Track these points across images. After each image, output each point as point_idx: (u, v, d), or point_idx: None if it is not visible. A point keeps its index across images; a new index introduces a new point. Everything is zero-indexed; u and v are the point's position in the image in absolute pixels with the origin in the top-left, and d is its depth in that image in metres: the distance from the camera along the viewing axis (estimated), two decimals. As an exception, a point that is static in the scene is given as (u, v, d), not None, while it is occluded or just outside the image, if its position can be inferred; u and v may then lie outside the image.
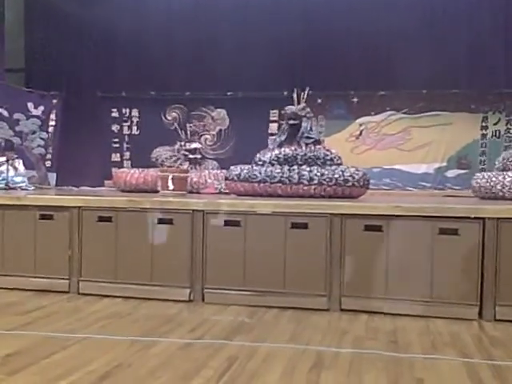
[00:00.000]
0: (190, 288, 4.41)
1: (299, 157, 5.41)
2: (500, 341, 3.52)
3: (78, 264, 4.62)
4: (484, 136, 8.11)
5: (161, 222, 4.47)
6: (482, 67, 7.86)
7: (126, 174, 6.91)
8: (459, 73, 7.94)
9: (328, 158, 5.50)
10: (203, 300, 4.40)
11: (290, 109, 5.73)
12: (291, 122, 5.65)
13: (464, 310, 3.97)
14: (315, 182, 5.21)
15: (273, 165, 5.40)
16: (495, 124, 8.07)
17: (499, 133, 8.05)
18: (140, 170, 6.97)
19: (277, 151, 5.51)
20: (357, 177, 5.33)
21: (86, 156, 8.77)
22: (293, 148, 5.50)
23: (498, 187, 5.39)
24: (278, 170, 5.30)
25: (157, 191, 5.51)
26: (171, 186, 5.11)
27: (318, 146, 5.64)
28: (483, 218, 3.98)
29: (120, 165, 8.86)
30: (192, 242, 4.40)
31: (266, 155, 5.52)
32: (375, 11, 8.11)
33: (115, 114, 9.02)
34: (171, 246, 4.44)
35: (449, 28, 7.90)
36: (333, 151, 5.65)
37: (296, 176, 5.24)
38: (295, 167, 5.33)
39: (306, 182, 5.21)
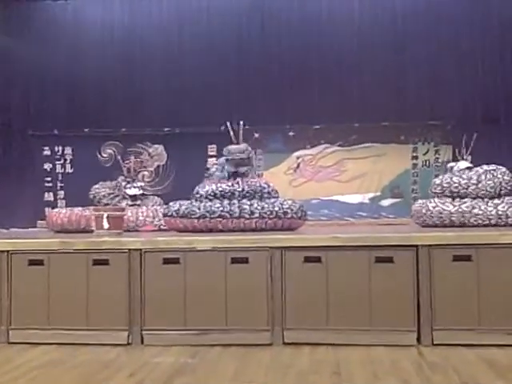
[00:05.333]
0: (128, 331, 4.25)
1: (237, 192, 5.41)
2: (439, 366, 3.59)
3: (7, 311, 4.35)
4: (415, 166, 8.48)
5: (96, 263, 4.31)
6: (409, 100, 8.26)
7: (54, 214, 6.64)
8: (388, 106, 8.30)
9: (265, 191, 5.54)
10: (142, 342, 4.24)
11: (235, 152, 5.60)
12: (240, 169, 5.59)
13: (403, 337, 4.05)
14: (256, 215, 5.21)
15: (211, 200, 5.37)
16: (424, 154, 8.47)
17: (429, 162, 8.45)
18: (67, 209, 6.73)
19: (214, 186, 5.47)
20: (295, 209, 5.40)
21: (17, 196, 8.42)
22: (230, 184, 5.49)
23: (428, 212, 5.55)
24: (218, 205, 5.25)
25: (91, 231, 5.33)
26: (106, 225, 4.95)
27: (254, 180, 5.66)
28: (416, 246, 4.11)
29: (54, 204, 8.56)
30: (129, 282, 4.27)
31: (205, 189, 5.48)
32: (308, 47, 8.41)
33: (47, 153, 8.76)
34: (107, 287, 4.28)
35: (377, 64, 8.28)
36: (270, 184, 5.70)
37: (237, 210, 5.21)
38: (235, 201, 5.31)
39: (247, 216, 5.20)
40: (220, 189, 5.41)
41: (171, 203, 5.52)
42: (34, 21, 8.84)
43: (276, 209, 5.28)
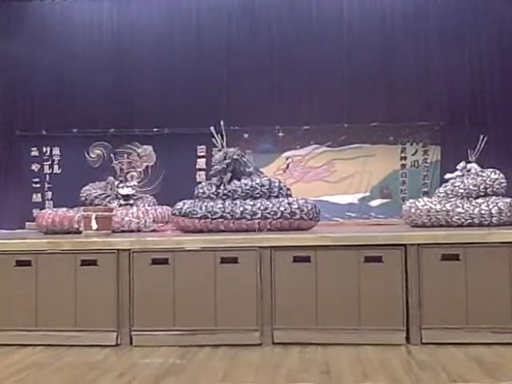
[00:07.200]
0: (116, 331, 4.22)
1: (239, 190, 5.25)
2: (427, 364, 3.61)
3: (-7, 313, 4.31)
4: (403, 166, 8.51)
5: (84, 263, 4.28)
6: (398, 101, 8.29)
7: (41, 215, 6.56)
8: (377, 107, 8.33)
9: (276, 185, 5.37)
10: (131, 343, 4.22)
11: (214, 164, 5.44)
12: (224, 179, 5.32)
13: (392, 336, 4.06)
14: (258, 215, 5.03)
15: (213, 199, 5.20)
16: (413, 155, 8.50)
17: (417, 163, 8.48)
18: (52, 210, 6.66)
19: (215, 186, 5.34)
20: (306, 209, 5.14)
21: (4, 197, 8.34)
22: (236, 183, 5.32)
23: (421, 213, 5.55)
24: (220, 205, 5.10)
25: (79, 232, 5.30)
26: (95, 226, 4.92)
27: (261, 175, 5.53)
28: (404, 245, 4.12)
29: (42, 205, 8.48)
30: (118, 282, 4.24)
31: (210, 187, 5.33)
32: (297, 48, 8.42)
33: (35, 153, 8.68)
34: (95, 288, 4.25)
35: (366, 65, 8.31)
36: (280, 181, 5.56)
37: (238, 211, 5.05)
38: (237, 201, 5.15)
39: (248, 217, 5.03)
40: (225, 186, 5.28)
41: (179, 202, 5.34)
42: (22, 21, 8.75)
43: (282, 209, 5.07)
